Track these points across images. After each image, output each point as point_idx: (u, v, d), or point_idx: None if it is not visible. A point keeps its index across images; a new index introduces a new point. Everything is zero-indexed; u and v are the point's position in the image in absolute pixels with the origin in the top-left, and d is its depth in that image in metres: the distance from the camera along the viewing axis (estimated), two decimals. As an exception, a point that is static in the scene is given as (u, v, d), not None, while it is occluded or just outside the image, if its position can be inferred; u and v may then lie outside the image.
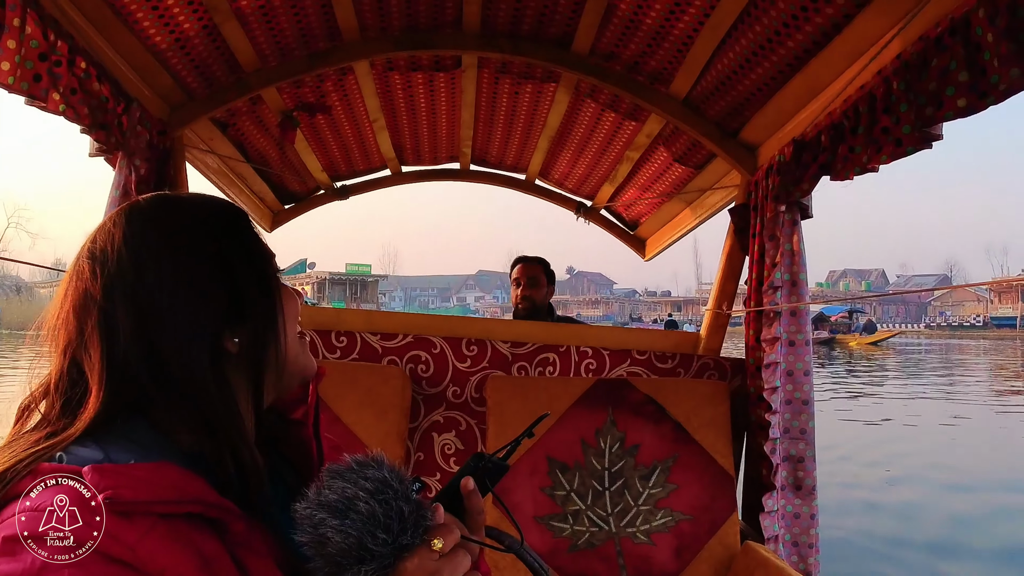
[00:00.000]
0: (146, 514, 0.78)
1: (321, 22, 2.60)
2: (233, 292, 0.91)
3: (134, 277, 0.87)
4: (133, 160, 2.35)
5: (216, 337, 0.89)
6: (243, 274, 0.93)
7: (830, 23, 2.00)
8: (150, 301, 0.86)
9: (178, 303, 0.87)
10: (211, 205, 0.99)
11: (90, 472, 0.77)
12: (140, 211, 0.93)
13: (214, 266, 0.91)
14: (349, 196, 4.26)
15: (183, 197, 1.00)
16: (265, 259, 0.99)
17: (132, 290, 0.86)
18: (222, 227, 0.96)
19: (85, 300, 0.87)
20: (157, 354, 0.86)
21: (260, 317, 0.94)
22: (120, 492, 0.76)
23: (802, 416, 2.46)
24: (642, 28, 2.49)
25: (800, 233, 2.48)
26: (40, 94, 1.81)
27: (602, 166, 3.81)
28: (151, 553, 0.76)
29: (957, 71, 1.60)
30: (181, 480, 0.82)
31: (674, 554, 2.45)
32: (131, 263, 0.87)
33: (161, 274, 0.88)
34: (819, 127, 2.21)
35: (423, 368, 2.80)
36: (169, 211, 0.95)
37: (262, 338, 0.94)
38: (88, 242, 0.92)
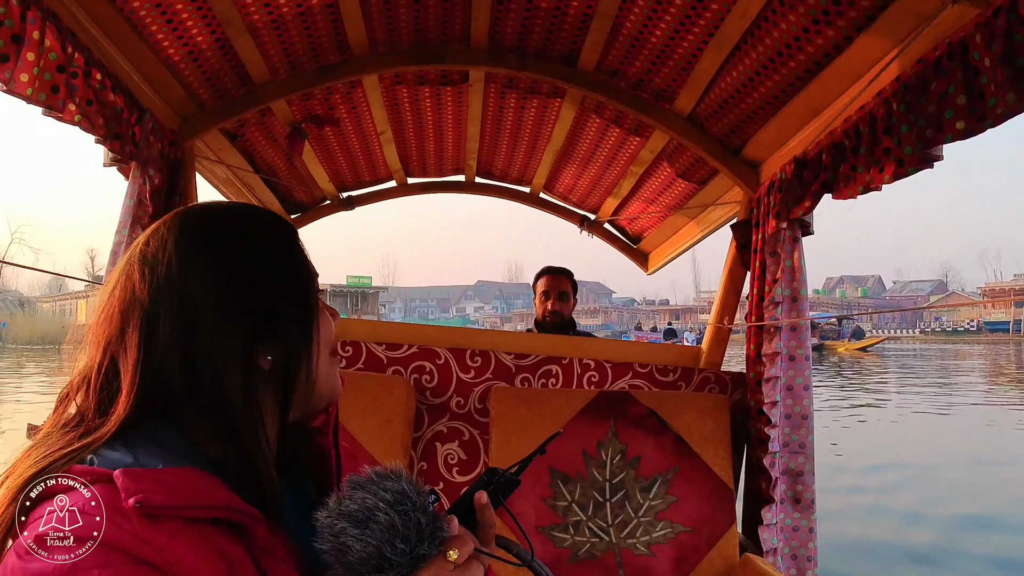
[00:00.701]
0: (173, 518, 0.80)
1: (331, 36, 2.65)
2: (272, 311, 0.93)
3: (182, 285, 0.89)
4: (147, 170, 2.39)
5: (250, 353, 0.91)
6: (284, 293, 0.95)
7: (831, 44, 2.04)
8: (193, 310, 0.89)
9: (219, 316, 0.89)
10: (262, 220, 1.01)
11: (121, 476, 0.79)
12: (192, 219, 0.96)
13: (257, 283, 0.93)
14: (355, 207, 4.30)
15: (234, 208, 1.03)
16: (308, 279, 1.00)
17: (178, 298, 0.89)
18: (271, 244, 0.97)
19: (131, 301, 0.90)
20: (191, 363, 0.88)
21: (295, 337, 0.95)
22: (150, 496, 0.78)
23: (801, 430, 2.48)
24: (647, 46, 2.53)
25: (801, 250, 2.51)
26: (57, 105, 1.85)
27: (606, 180, 3.85)
28: (178, 556, 0.78)
29: (956, 94, 1.63)
30: (206, 486, 0.84)
31: (674, 565, 2.47)
32: (180, 271, 0.90)
33: (207, 285, 0.90)
34: (820, 146, 2.25)
35: (427, 378, 2.82)
36: (220, 223, 0.97)
37: (294, 358, 0.95)
38: (141, 244, 0.94)
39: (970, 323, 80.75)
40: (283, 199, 4.06)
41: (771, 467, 2.53)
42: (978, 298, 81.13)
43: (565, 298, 3.95)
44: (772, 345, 2.57)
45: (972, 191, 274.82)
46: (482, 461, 2.75)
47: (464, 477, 2.76)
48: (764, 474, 2.59)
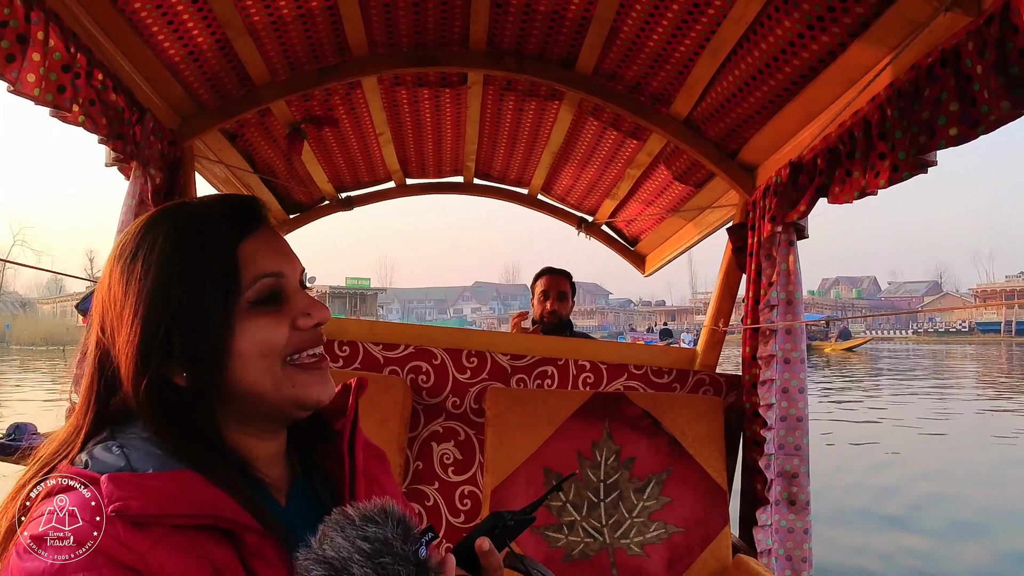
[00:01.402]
0: (157, 524, 0.81)
1: (331, 38, 2.66)
2: (167, 324, 0.88)
3: (107, 301, 0.91)
4: (148, 170, 2.40)
5: (150, 368, 0.87)
6: (179, 305, 0.88)
7: (826, 50, 2.06)
8: (113, 328, 0.90)
9: (124, 331, 0.88)
10: (181, 223, 0.93)
11: (106, 482, 0.81)
12: (132, 231, 0.95)
13: (154, 295, 0.88)
14: (353, 207, 4.32)
15: (165, 213, 0.96)
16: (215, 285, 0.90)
17: (102, 316, 0.91)
18: (175, 253, 0.90)
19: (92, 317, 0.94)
20: (113, 380, 0.90)
21: (191, 353, 0.88)
22: (128, 504, 0.79)
23: (796, 433, 2.50)
24: (644, 51, 2.55)
25: (796, 253, 2.53)
26: (65, 105, 1.86)
27: (604, 183, 3.87)
28: (161, 563, 0.79)
29: (948, 101, 1.65)
30: (197, 491, 0.84)
31: (667, 566, 2.49)
32: (107, 284, 0.91)
33: (116, 303, 0.90)
34: (816, 150, 2.26)
35: (423, 378, 2.84)
36: (142, 231, 0.93)
37: (199, 374, 0.89)
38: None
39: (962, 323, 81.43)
40: (282, 199, 4.07)
41: (766, 469, 2.55)
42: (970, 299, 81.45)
43: (564, 298, 3.97)
44: (767, 348, 2.59)
45: (967, 193, 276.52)
46: (477, 461, 2.77)
47: (460, 476, 2.77)
48: (759, 476, 2.60)
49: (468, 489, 2.77)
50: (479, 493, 2.74)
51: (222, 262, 0.91)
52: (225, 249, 0.91)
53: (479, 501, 2.72)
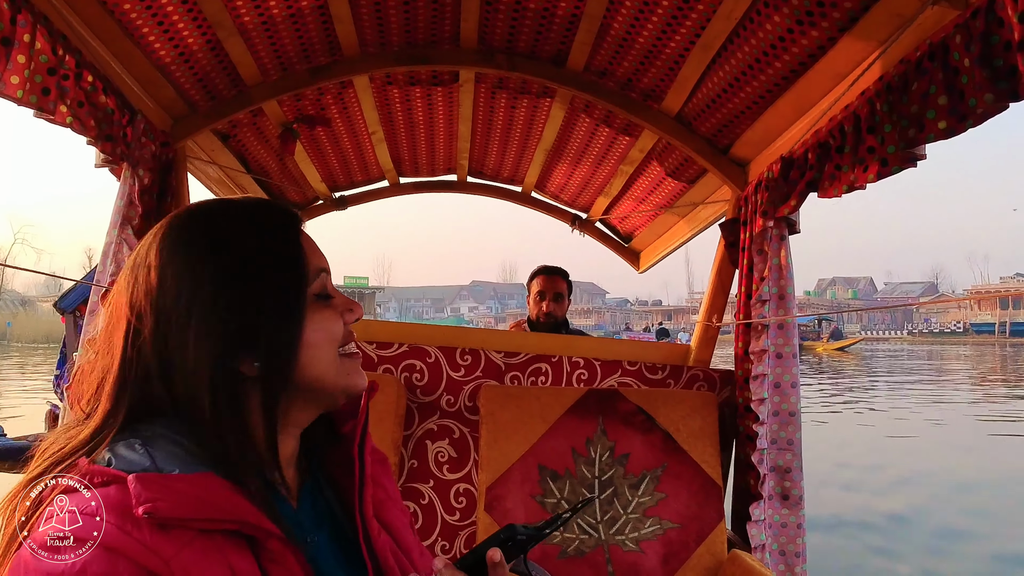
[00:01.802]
0: (184, 528, 0.79)
1: (322, 37, 2.66)
2: (246, 315, 0.90)
3: (157, 294, 0.89)
4: (137, 171, 2.40)
5: (225, 359, 0.88)
6: (263, 296, 0.91)
7: (815, 45, 2.06)
8: (167, 319, 0.88)
9: (191, 325, 0.87)
10: (249, 218, 0.96)
11: (134, 482, 0.79)
12: (174, 224, 0.94)
13: (234, 288, 0.90)
14: (347, 207, 4.32)
15: (220, 208, 0.99)
16: (295, 277, 0.95)
17: (156, 307, 0.88)
18: (253, 245, 0.93)
19: (119, 309, 0.91)
20: (168, 372, 0.88)
21: (273, 343, 0.91)
22: (158, 506, 0.78)
23: (789, 427, 2.51)
24: (635, 47, 2.55)
25: (788, 248, 2.53)
26: (48, 107, 1.86)
27: (597, 179, 3.88)
28: (185, 568, 0.77)
29: (937, 94, 1.66)
30: (220, 496, 0.84)
31: (662, 562, 2.49)
32: (157, 280, 0.89)
33: (179, 293, 0.88)
34: (806, 145, 2.27)
35: (418, 377, 2.84)
36: (200, 225, 0.94)
37: (275, 363, 0.91)
38: (134, 252, 0.94)
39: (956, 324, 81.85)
40: (275, 199, 4.07)
41: (759, 464, 2.55)
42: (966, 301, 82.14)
43: (560, 299, 3.97)
44: (760, 343, 2.59)
45: (964, 195, 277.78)
46: (472, 459, 2.77)
47: (454, 474, 2.78)
48: (752, 471, 2.61)
49: (463, 487, 2.77)
50: (474, 491, 2.74)
51: (295, 255, 0.96)
52: (296, 240, 0.97)
53: (474, 499, 2.73)
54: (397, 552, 1.06)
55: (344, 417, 1.08)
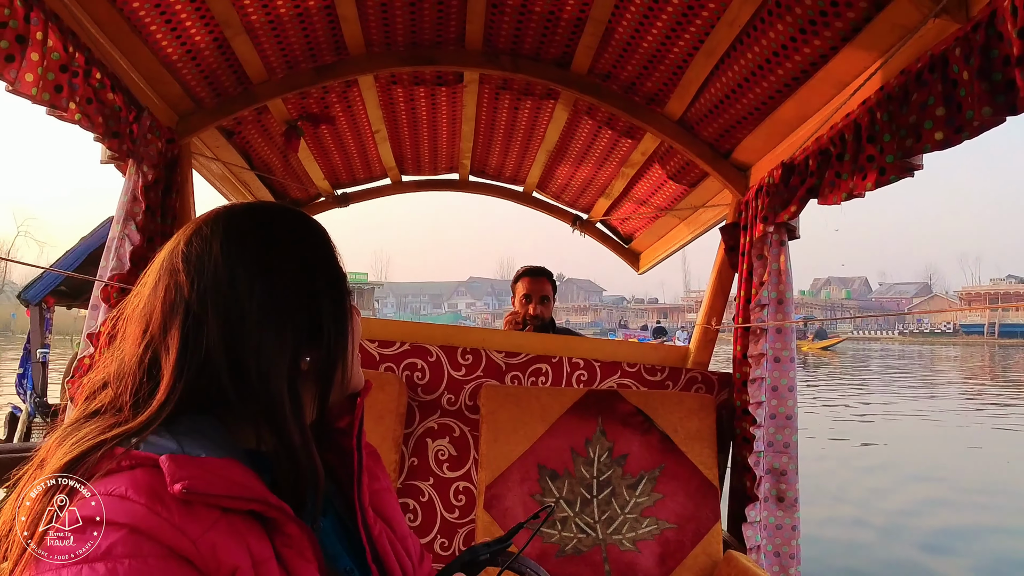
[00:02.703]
0: (211, 508, 0.81)
1: (328, 37, 2.68)
2: (314, 315, 0.95)
3: (228, 290, 0.90)
4: (142, 167, 2.42)
5: (295, 357, 0.93)
6: (324, 298, 0.97)
7: (818, 54, 2.09)
8: (240, 315, 0.90)
9: (266, 322, 0.91)
10: (301, 224, 1.02)
11: (167, 461, 0.81)
12: (236, 222, 0.97)
13: (301, 289, 0.95)
14: (349, 204, 4.34)
15: (275, 211, 1.03)
16: (343, 281, 1.02)
17: (225, 302, 0.90)
18: (312, 250, 1.00)
19: (176, 301, 0.90)
20: (239, 366, 0.89)
21: (333, 340, 0.97)
22: (195, 483, 0.80)
23: (786, 430, 2.53)
24: (639, 51, 2.57)
25: (787, 253, 2.56)
26: (61, 104, 1.87)
27: (598, 181, 3.90)
28: (212, 547, 0.79)
29: (935, 106, 1.68)
30: (245, 478, 0.86)
31: (658, 561, 2.52)
32: (227, 276, 0.91)
33: (253, 292, 0.91)
34: (807, 152, 2.29)
35: (419, 375, 2.86)
36: (265, 227, 0.98)
37: (333, 359, 0.98)
38: (182, 244, 0.95)
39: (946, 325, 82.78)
40: (278, 196, 4.09)
41: (756, 466, 2.58)
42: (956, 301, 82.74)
43: (546, 301, 3.98)
44: (758, 347, 2.62)
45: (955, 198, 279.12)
46: (472, 457, 2.80)
47: (454, 472, 2.80)
48: (749, 473, 2.63)
49: (463, 485, 2.79)
50: (473, 489, 2.76)
51: (338, 260, 1.03)
52: (335, 248, 1.04)
53: (473, 497, 2.75)
54: (393, 539, 1.12)
55: (338, 413, 1.10)
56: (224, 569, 0.80)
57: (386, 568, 1.06)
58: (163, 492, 0.80)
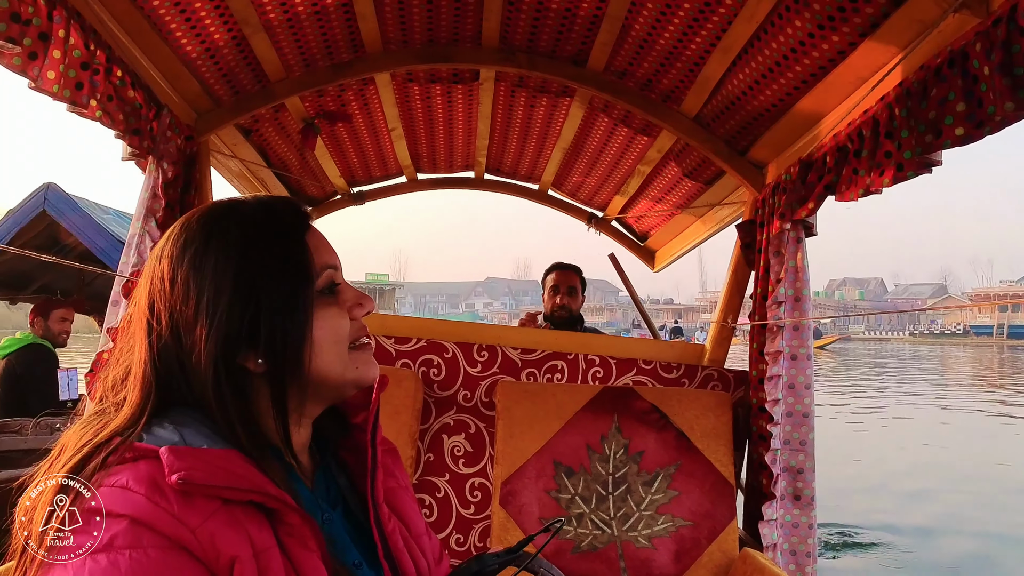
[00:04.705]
0: (211, 498, 0.82)
1: (345, 35, 2.69)
2: (252, 314, 0.92)
3: (169, 293, 0.92)
4: (162, 164, 2.44)
5: (227, 357, 0.91)
6: (266, 296, 0.93)
7: (836, 50, 2.08)
8: (179, 319, 0.91)
9: (199, 324, 0.90)
10: (257, 218, 0.98)
11: (166, 453, 0.82)
12: (185, 226, 0.97)
13: (237, 287, 0.92)
14: (365, 202, 4.36)
15: (229, 207, 1.00)
16: (299, 276, 0.97)
17: (167, 305, 0.92)
18: (257, 245, 0.95)
19: (141, 305, 0.94)
20: (182, 367, 0.91)
21: (275, 340, 0.93)
22: (192, 474, 0.81)
23: (802, 428, 2.52)
24: (655, 48, 2.57)
25: (804, 250, 2.54)
26: (81, 101, 1.89)
27: (614, 179, 3.89)
28: (210, 537, 0.80)
29: (955, 101, 1.67)
30: (246, 469, 0.87)
31: (674, 558, 2.51)
32: (170, 281, 0.92)
33: (188, 292, 0.91)
34: (825, 148, 2.28)
35: (435, 372, 2.87)
36: (205, 228, 0.96)
37: (279, 360, 0.94)
38: (152, 251, 0.98)
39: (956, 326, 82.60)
40: (294, 193, 4.11)
41: (772, 464, 2.57)
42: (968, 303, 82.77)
43: (573, 293, 4.00)
44: (775, 344, 2.60)
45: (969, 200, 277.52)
46: (488, 453, 2.80)
47: (470, 468, 2.81)
48: (765, 470, 2.62)
49: (478, 481, 2.80)
50: (489, 485, 2.77)
51: (301, 253, 0.98)
52: (300, 240, 0.99)
53: (489, 493, 2.76)
54: (407, 536, 1.11)
55: (355, 408, 1.11)
56: (223, 558, 0.80)
57: (399, 566, 1.06)
58: (163, 483, 0.81)
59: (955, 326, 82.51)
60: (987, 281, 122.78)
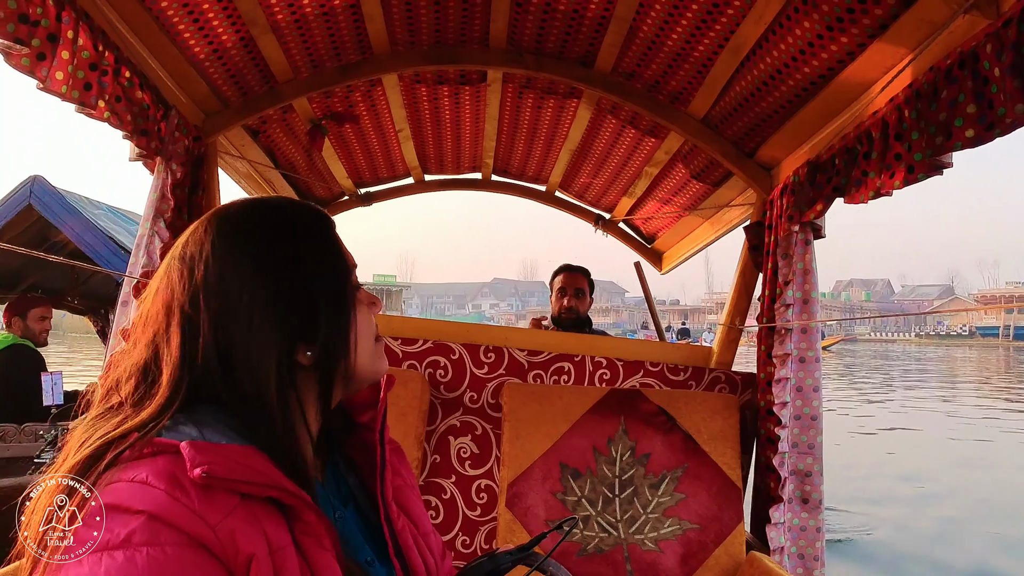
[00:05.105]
0: (231, 494, 0.82)
1: (353, 36, 2.69)
2: (308, 308, 0.95)
3: (217, 285, 0.92)
4: (171, 165, 2.44)
5: (287, 351, 0.93)
6: (320, 292, 0.96)
7: (844, 51, 2.06)
8: (229, 311, 0.91)
9: (254, 316, 0.91)
10: (297, 216, 1.01)
11: (187, 447, 0.82)
12: (229, 218, 0.98)
13: (294, 283, 0.95)
14: (372, 203, 4.36)
15: (269, 204, 1.03)
16: (343, 273, 1.01)
17: (215, 297, 0.91)
18: (305, 240, 0.99)
19: (172, 301, 0.92)
20: (228, 361, 0.90)
21: (332, 333, 0.96)
22: (215, 468, 0.80)
23: (811, 431, 2.51)
24: (663, 50, 2.56)
25: (813, 252, 2.53)
26: (90, 102, 1.89)
27: (621, 180, 3.89)
28: (230, 533, 0.80)
29: (965, 103, 1.66)
30: (264, 465, 0.87)
31: (680, 561, 2.51)
32: (217, 274, 0.92)
33: (242, 285, 0.92)
34: (833, 150, 2.27)
35: (441, 373, 2.87)
36: (255, 220, 0.99)
37: (332, 353, 0.97)
38: (181, 244, 0.96)
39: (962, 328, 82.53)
40: (302, 194, 4.12)
41: (780, 467, 2.56)
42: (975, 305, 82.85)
43: (581, 295, 3.99)
44: (783, 346, 2.60)
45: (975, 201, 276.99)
46: (494, 455, 2.80)
47: (476, 470, 2.80)
48: (773, 474, 2.61)
49: (485, 483, 2.80)
50: (495, 487, 2.76)
51: (341, 251, 1.03)
52: (337, 240, 1.04)
53: (495, 495, 2.75)
54: (415, 533, 1.12)
55: (361, 407, 1.12)
56: (241, 555, 0.80)
57: (408, 563, 1.07)
58: (183, 478, 0.80)
59: (961, 327, 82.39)
60: (994, 283, 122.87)
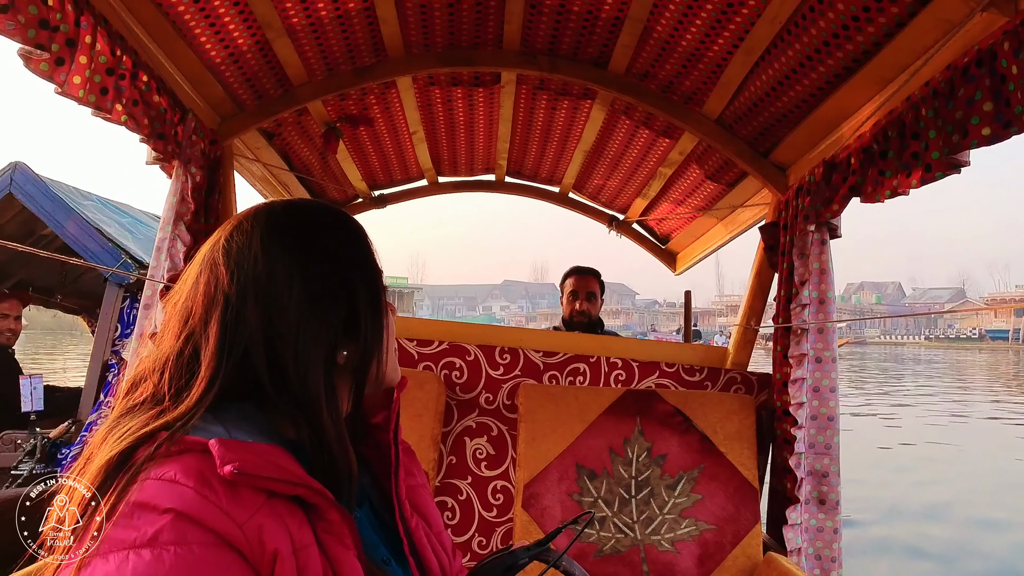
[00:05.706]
0: (258, 491, 0.82)
1: (367, 39, 2.70)
2: (351, 310, 0.97)
3: (267, 283, 0.93)
4: (189, 168, 2.46)
5: (332, 351, 0.95)
6: (361, 293, 0.99)
7: (860, 50, 2.06)
8: (279, 309, 0.92)
9: (304, 316, 0.93)
10: (341, 222, 1.04)
11: (217, 445, 0.82)
12: (276, 217, 1.00)
13: (339, 284, 0.97)
14: (387, 205, 4.37)
15: (314, 207, 1.07)
16: (379, 278, 1.04)
17: (265, 295, 0.92)
18: (350, 247, 1.02)
19: (215, 294, 0.92)
20: (277, 358, 0.91)
21: (370, 335, 0.99)
22: (245, 465, 0.81)
23: (827, 432, 2.50)
24: (677, 50, 2.56)
25: (829, 252, 2.52)
26: (106, 106, 1.92)
27: (635, 181, 3.89)
28: (257, 531, 0.80)
29: (982, 101, 1.65)
30: (290, 464, 0.87)
31: (697, 562, 2.50)
32: (267, 270, 0.93)
33: (293, 286, 0.93)
34: (849, 150, 2.27)
35: (457, 374, 2.87)
36: (303, 221, 1.01)
37: (369, 354, 1.00)
38: (223, 238, 0.97)
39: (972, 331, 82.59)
40: (316, 197, 4.13)
41: (797, 468, 2.55)
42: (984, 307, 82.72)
43: (592, 298, 3.99)
44: (799, 347, 2.58)
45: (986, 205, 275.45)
46: (510, 456, 2.80)
47: (492, 471, 2.81)
48: (790, 474, 2.60)
49: (501, 484, 2.80)
50: (511, 488, 2.77)
51: (374, 255, 1.06)
52: (373, 245, 1.07)
53: (511, 496, 2.76)
54: (429, 532, 1.14)
55: (374, 408, 1.12)
56: (267, 553, 0.80)
57: (423, 561, 1.08)
58: (211, 476, 0.80)
59: (971, 330, 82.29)
60: (1004, 286, 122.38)
